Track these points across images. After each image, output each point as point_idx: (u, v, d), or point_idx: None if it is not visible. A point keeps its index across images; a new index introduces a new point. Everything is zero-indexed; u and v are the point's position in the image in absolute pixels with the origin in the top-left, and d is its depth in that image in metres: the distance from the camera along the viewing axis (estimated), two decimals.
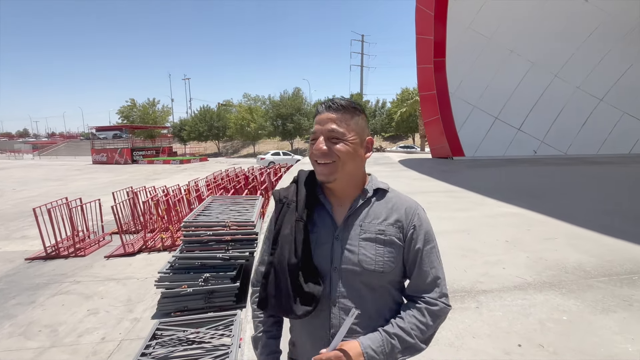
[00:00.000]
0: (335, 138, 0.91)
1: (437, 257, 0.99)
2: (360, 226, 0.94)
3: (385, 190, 1.01)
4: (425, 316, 0.92)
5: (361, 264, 0.91)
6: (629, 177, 9.21)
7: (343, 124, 0.92)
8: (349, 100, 0.96)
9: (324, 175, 0.93)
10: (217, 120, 44.86)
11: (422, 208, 1.02)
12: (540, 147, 15.27)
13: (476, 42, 14.15)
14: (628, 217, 5.07)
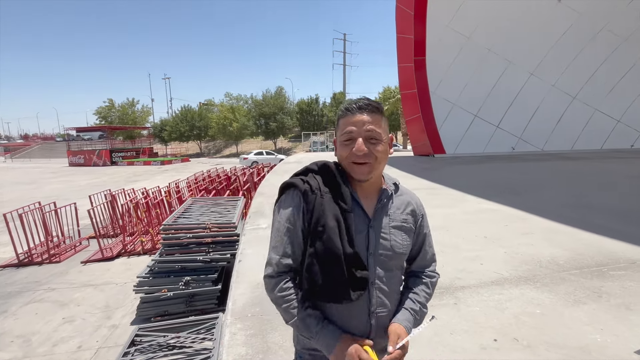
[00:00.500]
0: (374, 139, 0.99)
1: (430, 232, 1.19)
2: (389, 216, 1.05)
3: (398, 185, 1.14)
4: (430, 287, 1.14)
5: (393, 248, 1.04)
6: (601, 172, 9.56)
7: (378, 125, 0.99)
8: (376, 101, 1.02)
9: (363, 174, 1.00)
10: (198, 120, 44.17)
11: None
12: (518, 144, 15.67)
13: (455, 41, 14.38)
14: (600, 211, 5.25)
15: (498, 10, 13.71)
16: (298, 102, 41.63)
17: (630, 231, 4.19)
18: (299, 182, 1.05)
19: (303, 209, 1.01)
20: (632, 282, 2.88)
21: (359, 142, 0.97)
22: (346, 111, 1.01)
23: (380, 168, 1.03)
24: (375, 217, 1.04)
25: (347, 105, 1.01)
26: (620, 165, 11.02)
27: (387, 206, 1.07)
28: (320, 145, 31.41)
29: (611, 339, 2.15)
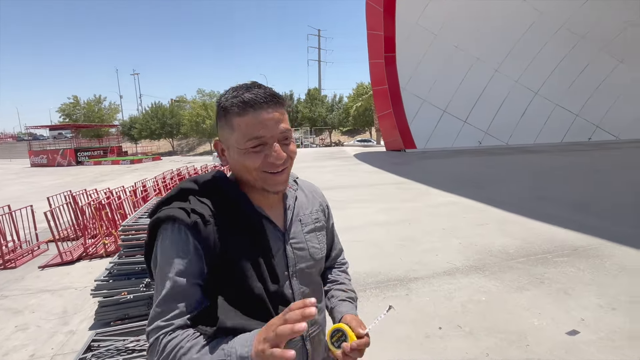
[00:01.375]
0: (288, 138, 0.78)
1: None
2: (300, 221, 0.89)
3: (296, 181, 0.96)
4: (348, 274, 1.08)
5: (313, 256, 0.89)
6: (559, 165, 10.04)
7: (286, 119, 0.78)
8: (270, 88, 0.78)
9: (282, 184, 0.79)
10: (170, 117, 42.98)
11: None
12: (485, 138, 16.21)
13: (424, 38, 14.67)
14: (553, 201, 5.52)
15: (463, 9, 14.08)
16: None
17: (578, 219, 4.44)
18: (180, 214, 0.73)
19: (195, 249, 0.73)
20: (572, 268, 3.05)
21: (278, 148, 0.75)
22: (246, 106, 0.72)
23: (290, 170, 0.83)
24: (288, 228, 0.86)
25: (245, 98, 0.73)
26: (578, 157, 11.61)
27: (294, 210, 0.89)
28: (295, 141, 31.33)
29: (547, 322, 2.28)
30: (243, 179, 0.81)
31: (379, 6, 14.46)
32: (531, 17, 14.32)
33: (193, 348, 0.66)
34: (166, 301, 0.71)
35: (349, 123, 38.74)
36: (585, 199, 5.58)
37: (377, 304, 2.61)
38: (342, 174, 9.70)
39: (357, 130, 41.94)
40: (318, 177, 9.30)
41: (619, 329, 2.16)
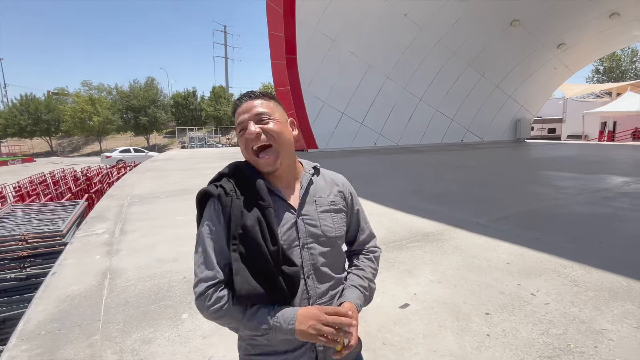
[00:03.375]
0: (265, 119, 0.96)
1: (363, 212, 1.21)
2: (315, 202, 1.04)
3: (318, 168, 1.14)
4: (374, 262, 1.15)
5: (325, 233, 1.02)
6: (433, 162, 11.51)
7: (266, 105, 0.98)
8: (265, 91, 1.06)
9: (269, 164, 0.98)
10: (46, 112, 36.92)
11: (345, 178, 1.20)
12: (379, 139, 17.68)
13: (323, 42, 15.31)
14: (420, 194, 6.32)
15: (358, 18, 15.09)
16: (173, 95, 38.47)
17: (434, 209, 5.17)
18: (211, 189, 0.98)
19: (220, 215, 0.95)
20: (420, 251, 3.56)
21: (249, 126, 0.95)
22: (235, 105, 1.02)
23: (286, 152, 0.99)
24: (301, 206, 1.02)
25: (236, 101, 1.03)
26: (451, 156, 13.46)
27: (310, 192, 1.05)
28: (199, 142, 29.78)
29: (387, 300, 2.62)
30: None
31: (279, 8, 14.63)
32: (414, 31, 16.07)
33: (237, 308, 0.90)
34: (203, 261, 0.94)
35: None
36: (445, 191, 6.52)
37: None
38: None
39: None
40: None
41: (439, 298, 2.60)
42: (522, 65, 19.01)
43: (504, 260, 3.25)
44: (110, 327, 2.36)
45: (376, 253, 1.19)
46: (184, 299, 2.71)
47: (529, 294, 2.61)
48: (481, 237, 3.89)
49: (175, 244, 3.98)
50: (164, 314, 2.50)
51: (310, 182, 1.07)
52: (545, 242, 3.69)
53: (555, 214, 4.89)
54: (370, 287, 1.09)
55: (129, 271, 3.26)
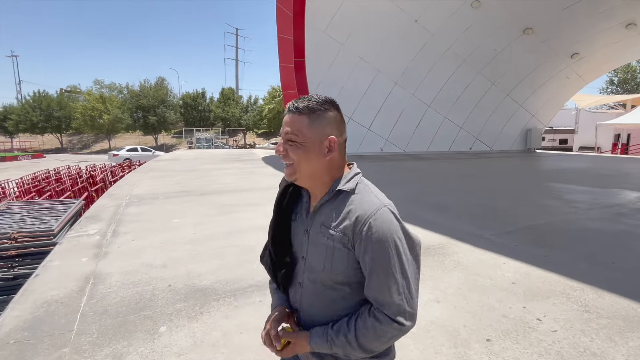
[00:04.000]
0: (290, 141, 0.95)
1: (395, 271, 0.90)
2: (321, 225, 0.97)
3: (348, 192, 0.97)
4: (369, 328, 0.91)
5: (317, 261, 0.97)
6: (440, 171, 11.28)
7: (296, 126, 0.93)
8: (314, 100, 0.95)
9: (287, 175, 0.99)
10: (58, 110, 37.43)
11: (384, 214, 0.92)
12: (386, 145, 17.46)
13: (331, 46, 15.21)
14: (424, 204, 6.12)
15: (368, 23, 14.97)
16: (183, 96, 38.73)
17: (438, 220, 4.96)
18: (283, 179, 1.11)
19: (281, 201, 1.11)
20: None
21: (278, 144, 0.98)
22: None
23: (303, 171, 0.95)
24: (311, 223, 1.00)
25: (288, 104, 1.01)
26: (458, 165, 13.20)
27: (324, 213, 0.98)
28: (206, 142, 29.85)
29: None
30: None
31: (289, 10, 14.58)
32: (424, 37, 15.88)
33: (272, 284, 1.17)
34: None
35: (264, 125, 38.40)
36: (449, 202, 6.30)
37: (227, 314, 2.52)
38: (243, 177, 9.47)
39: (272, 133, 41.79)
40: (219, 179, 8.93)
41: (436, 319, 2.41)
42: (534, 74, 18.68)
43: (509, 280, 3.04)
44: (82, 338, 2.21)
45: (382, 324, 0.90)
46: (165, 310, 2.56)
47: (535, 319, 2.41)
48: (485, 253, 3.68)
49: (166, 249, 3.84)
50: (141, 326, 2.36)
51: (324, 203, 0.99)
52: (554, 261, 3.47)
53: (566, 229, 4.66)
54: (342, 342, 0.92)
55: (114, 276, 3.13)
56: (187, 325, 2.37)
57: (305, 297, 1.01)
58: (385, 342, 0.92)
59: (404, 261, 0.91)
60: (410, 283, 0.91)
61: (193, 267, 3.34)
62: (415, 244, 0.96)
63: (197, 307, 2.61)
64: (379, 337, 0.90)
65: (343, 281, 0.96)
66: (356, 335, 0.91)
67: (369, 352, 0.93)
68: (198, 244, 4.02)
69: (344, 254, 0.93)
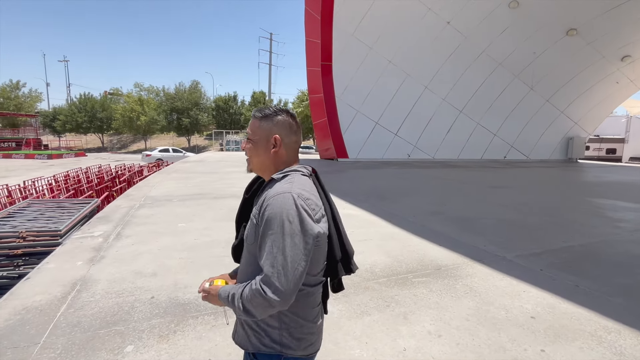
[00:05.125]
0: (248, 139, 1.19)
1: (274, 246, 1.00)
2: (253, 205, 1.18)
3: (275, 180, 1.13)
4: (248, 290, 1.02)
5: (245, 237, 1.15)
6: (468, 180, 10.63)
7: (252, 127, 1.19)
8: (270, 108, 1.19)
9: (248, 167, 1.22)
10: (100, 111, 39.62)
11: (284, 198, 1.03)
12: (413, 151, 16.88)
13: (359, 50, 14.93)
14: (443, 217, 5.68)
15: (397, 26, 14.57)
16: (215, 99, 39.78)
17: (456, 236, 4.54)
18: None
19: None
20: (425, 289, 3.01)
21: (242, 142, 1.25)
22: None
23: (254, 163, 1.19)
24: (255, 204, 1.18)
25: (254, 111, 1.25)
26: (489, 174, 12.44)
27: (259, 196, 1.17)
28: (235, 145, 30.38)
29: (367, 354, 2.13)
30: None
31: (317, 14, 14.48)
32: (457, 40, 15.23)
33: None
34: None
35: None
36: (472, 215, 5.82)
37: (202, 334, 2.31)
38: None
39: None
40: (238, 182, 8.90)
41: (432, 358, 2.07)
42: (578, 78, 17.40)
43: (528, 313, 2.63)
44: (44, 354, 2.08)
45: (254, 287, 1.00)
46: (139, 326, 2.40)
47: None
48: (504, 278, 3.26)
49: (162, 255, 3.72)
50: (107, 344, 2.20)
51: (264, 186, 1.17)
52: (586, 292, 3.00)
53: (604, 254, 4.10)
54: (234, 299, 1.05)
55: (100, 283, 3.03)
56: (155, 346, 2.18)
57: (240, 267, 1.20)
58: (256, 307, 1.00)
59: (287, 241, 0.99)
60: (287, 262, 0.97)
61: (182, 277, 3.18)
62: (309, 232, 1.01)
63: (172, 324, 2.43)
64: (250, 299, 1.00)
65: (255, 254, 1.08)
66: (242, 293, 1.02)
67: (248, 314, 1.02)
68: (196, 251, 3.88)
69: (254, 227, 1.08)
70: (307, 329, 1.12)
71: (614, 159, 25.89)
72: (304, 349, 1.12)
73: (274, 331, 1.08)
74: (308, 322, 1.12)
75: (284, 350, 1.08)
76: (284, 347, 1.08)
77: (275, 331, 1.08)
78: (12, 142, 32.87)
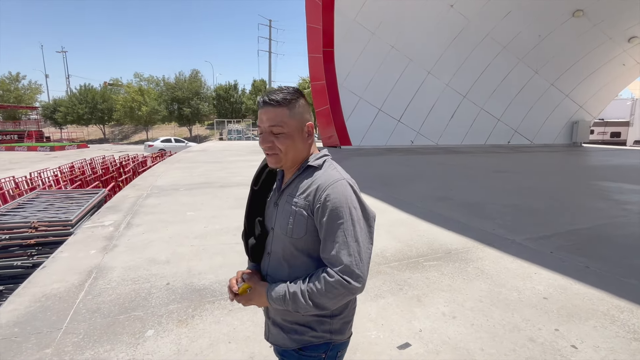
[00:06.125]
0: (277, 133, 1.02)
1: (347, 234, 0.97)
2: (287, 196, 1.07)
3: (315, 167, 1.06)
4: (321, 284, 0.96)
5: (281, 228, 1.06)
6: (472, 165, 10.61)
7: (279, 118, 1.01)
8: (285, 91, 1.03)
9: (272, 164, 1.08)
10: (101, 102, 39.45)
11: (342, 185, 1.01)
12: (417, 138, 16.79)
13: (361, 35, 14.70)
14: (450, 202, 5.69)
15: (399, 10, 14.30)
16: (216, 88, 39.49)
17: (464, 221, 4.56)
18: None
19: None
20: (437, 272, 3.04)
21: (261, 137, 1.05)
22: (258, 104, 1.07)
23: (290, 157, 1.05)
24: (280, 196, 1.10)
25: (259, 98, 1.07)
26: (494, 159, 12.40)
27: (290, 186, 1.08)
28: (237, 134, 30.29)
29: (384, 335, 2.17)
30: None
31: None
32: (460, 24, 14.98)
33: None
34: None
35: None
36: (479, 200, 5.82)
37: (219, 319, 2.35)
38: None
39: None
40: (242, 171, 8.91)
41: (449, 340, 2.11)
42: (583, 61, 17.15)
43: (540, 294, 2.65)
44: (67, 339, 2.12)
45: (331, 278, 0.95)
46: (157, 311, 2.44)
47: (569, 346, 2.04)
48: (515, 260, 3.28)
49: (174, 243, 3.76)
50: (128, 328, 2.24)
51: (294, 178, 1.09)
52: (597, 273, 3.02)
53: (613, 236, 4.11)
54: (296, 297, 0.98)
55: (116, 271, 3.07)
56: (174, 330, 2.22)
57: (271, 263, 1.10)
58: (333, 299, 0.96)
59: (357, 228, 0.98)
60: (361, 248, 0.97)
61: (195, 264, 3.22)
62: (370, 216, 1.04)
63: (190, 309, 2.47)
64: (327, 292, 0.95)
65: (303, 248, 1.04)
66: (309, 289, 0.97)
67: (319, 308, 0.97)
68: (206, 239, 3.91)
69: (304, 219, 1.01)
70: (353, 311, 1.14)
71: (618, 142, 25.71)
72: (348, 330, 1.12)
73: (325, 320, 1.05)
74: (353, 304, 1.13)
75: (334, 337, 1.07)
76: (334, 334, 1.07)
77: (326, 319, 1.05)
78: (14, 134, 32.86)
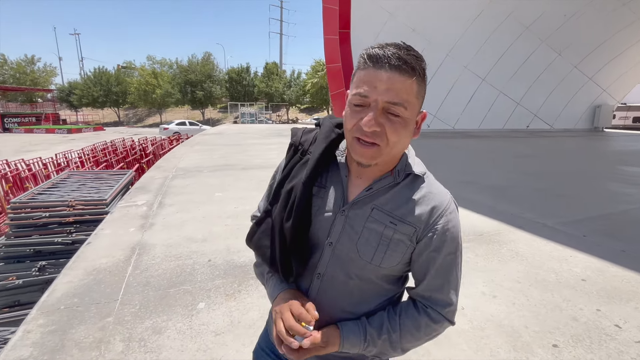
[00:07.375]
0: (395, 114, 0.68)
1: (456, 269, 0.80)
2: (372, 209, 0.77)
3: (418, 177, 0.79)
4: (421, 330, 0.79)
5: (358, 250, 0.77)
6: (495, 151, 10.47)
7: (405, 94, 0.67)
8: (416, 54, 0.70)
9: (365, 158, 0.72)
10: (115, 85, 39.73)
11: (454, 206, 0.80)
12: (433, 122, 16.55)
13: (380, 16, 14.39)
14: (476, 186, 5.66)
15: None
16: (228, 71, 39.37)
17: (492, 204, 4.55)
18: (294, 131, 0.90)
19: (285, 165, 0.87)
20: (471, 254, 3.07)
21: (371, 116, 0.67)
22: (368, 60, 0.68)
23: (392, 153, 0.73)
24: (353, 204, 0.77)
25: (371, 51, 0.68)
26: (514, 144, 12.21)
27: (378, 196, 0.77)
28: (250, 117, 30.31)
29: None
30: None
31: None
32: (481, 3, 14.50)
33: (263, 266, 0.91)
34: (264, 195, 0.97)
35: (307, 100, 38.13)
36: (505, 184, 5.79)
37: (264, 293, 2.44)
38: (274, 151, 9.46)
39: (315, 108, 41.45)
40: (262, 154, 8.97)
41: (492, 317, 2.16)
42: (609, 42, 16.50)
43: (578, 276, 2.67)
44: (125, 309, 2.24)
45: (435, 322, 0.79)
46: (204, 286, 2.54)
47: (613, 325, 2.08)
48: (548, 243, 3.29)
49: (208, 223, 3.86)
50: (181, 300, 2.35)
51: (388, 185, 0.78)
52: (634, 257, 3.02)
53: None
54: (383, 340, 0.78)
55: (157, 248, 3.18)
56: (224, 303, 2.33)
57: (326, 291, 0.80)
58: (425, 340, 0.81)
59: (459, 261, 0.81)
60: (459, 285, 0.82)
61: (232, 242, 3.32)
62: None
63: (235, 284, 2.57)
64: (425, 336, 0.80)
65: (384, 275, 0.80)
66: (401, 334, 0.78)
67: (404, 353, 0.82)
68: (239, 219, 4.00)
69: (405, 248, 0.77)
70: None
71: None
72: None
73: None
74: None
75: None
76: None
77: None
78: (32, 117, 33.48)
